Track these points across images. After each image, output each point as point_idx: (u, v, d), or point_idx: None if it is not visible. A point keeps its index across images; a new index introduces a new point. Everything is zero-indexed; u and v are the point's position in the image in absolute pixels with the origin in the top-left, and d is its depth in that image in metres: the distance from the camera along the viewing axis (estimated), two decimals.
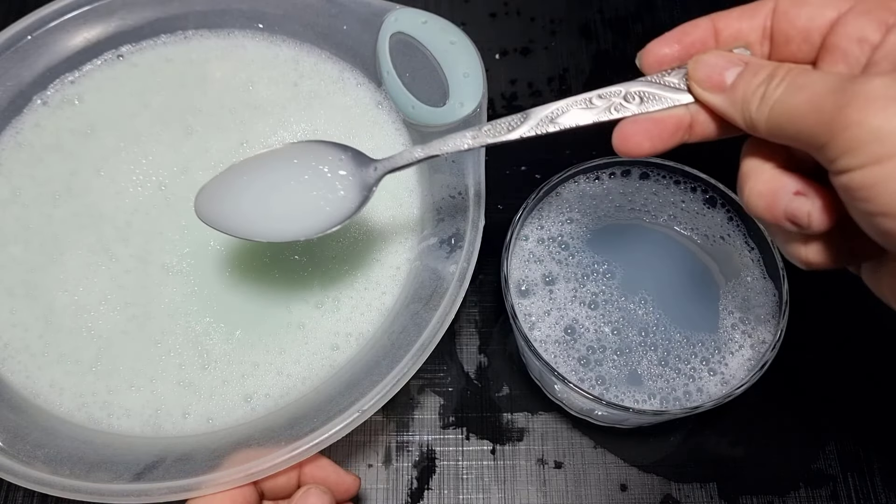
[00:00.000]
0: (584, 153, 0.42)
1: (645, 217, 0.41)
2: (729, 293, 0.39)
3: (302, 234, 0.34)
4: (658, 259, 0.40)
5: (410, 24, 0.43)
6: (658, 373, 0.37)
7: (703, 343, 0.37)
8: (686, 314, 0.38)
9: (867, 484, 0.40)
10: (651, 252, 0.40)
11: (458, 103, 0.41)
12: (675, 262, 0.39)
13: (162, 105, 0.44)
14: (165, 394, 0.37)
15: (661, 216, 0.41)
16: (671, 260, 0.40)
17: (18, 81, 0.43)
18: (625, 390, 0.36)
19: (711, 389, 0.36)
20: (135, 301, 0.39)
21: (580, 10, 0.55)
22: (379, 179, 0.34)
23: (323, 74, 0.45)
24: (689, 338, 0.37)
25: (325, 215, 0.34)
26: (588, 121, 0.29)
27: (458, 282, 0.36)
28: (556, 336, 0.38)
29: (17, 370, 0.38)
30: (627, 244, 0.40)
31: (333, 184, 0.34)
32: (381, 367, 0.35)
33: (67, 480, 0.33)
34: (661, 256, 0.40)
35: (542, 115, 0.30)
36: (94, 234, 0.41)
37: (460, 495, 0.40)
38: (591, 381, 0.37)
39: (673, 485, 0.40)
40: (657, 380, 0.37)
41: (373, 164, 0.34)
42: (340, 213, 0.34)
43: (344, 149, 0.35)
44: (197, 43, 0.46)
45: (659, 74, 0.28)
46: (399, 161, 0.34)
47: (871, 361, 0.43)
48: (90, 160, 0.43)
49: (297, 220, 0.34)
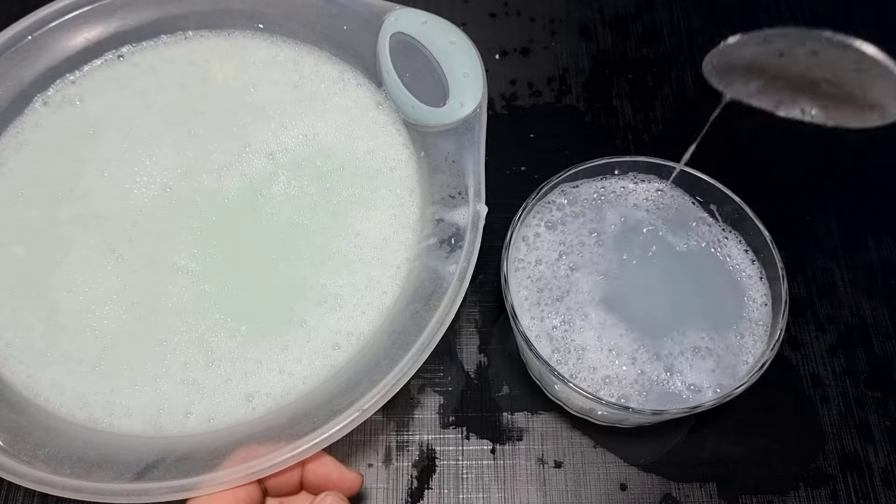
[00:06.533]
0: (584, 153, 0.42)
1: (646, 217, 0.41)
2: (729, 293, 0.39)
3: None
4: (658, 259, 0.40)
5: (410, 25, 0.43)
6: (658, 372, 0.37)
7: (702, 342, 0.37)
8: (686, 314, 0.38)
9: (867, 484, 0.40)
10: (651, 252, 0.40)
11: (458, 103, 0.41)
12: (676, 262, 0.39)
13: (164, 106, 0.44)
14: (168, 392, 0.37)
15: (661, 216, 0.41)
16: (671, 260, 0.40)
17: (19, 82, 0.43)
18: (625, 390, 0.37)
19: (711, 389, 0.36)
20: (142, 300, 0.39)
21: (580, 10, 0.55)
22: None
23: (323, 75, 0.45)
24: (690, 337, 0.37)
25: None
26: None
27: (458, 281, 0.37)
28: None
29: (18, 370, 0.38)
30: (628, 244, 0.40)
31: None
32: (381, 367, 0.35)
33: (68, 480, 0.33)
34: (661, 256, 0.40)
35: None
36: (99, 234, 0.41)
37: (460, 495, 0.40)
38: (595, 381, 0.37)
39: (673, 484, 0.40)
40: (657, 379, 0.37)
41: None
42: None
43: None
44: (198, 43, 0.46)
45: None
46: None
47: (871, 361, 0.43)
48: (93, 161, 0.43)
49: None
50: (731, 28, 0.53)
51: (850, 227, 0.47)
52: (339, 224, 0.41)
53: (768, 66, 0.35)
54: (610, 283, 0.39)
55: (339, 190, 0.42)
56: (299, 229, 0.41)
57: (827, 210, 0.47)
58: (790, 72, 0.34)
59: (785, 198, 0.48)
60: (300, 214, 0.42)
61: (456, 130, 0.41)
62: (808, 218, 0.47)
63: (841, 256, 0.46)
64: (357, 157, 0.43)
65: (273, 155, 0.43)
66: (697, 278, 0.39)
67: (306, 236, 0.41)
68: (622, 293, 0.39)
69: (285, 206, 0.42)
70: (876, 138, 0.50)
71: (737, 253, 0.39)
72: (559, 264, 0.39)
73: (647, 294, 0.39)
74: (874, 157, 0.50)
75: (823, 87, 0.33)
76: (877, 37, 0.53)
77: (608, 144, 0.50)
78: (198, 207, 0.42)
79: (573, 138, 0.50)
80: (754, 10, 0.55)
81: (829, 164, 0.49)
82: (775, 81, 0.35)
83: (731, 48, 0.35)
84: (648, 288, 0.39)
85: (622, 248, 0.40)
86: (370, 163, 0.43)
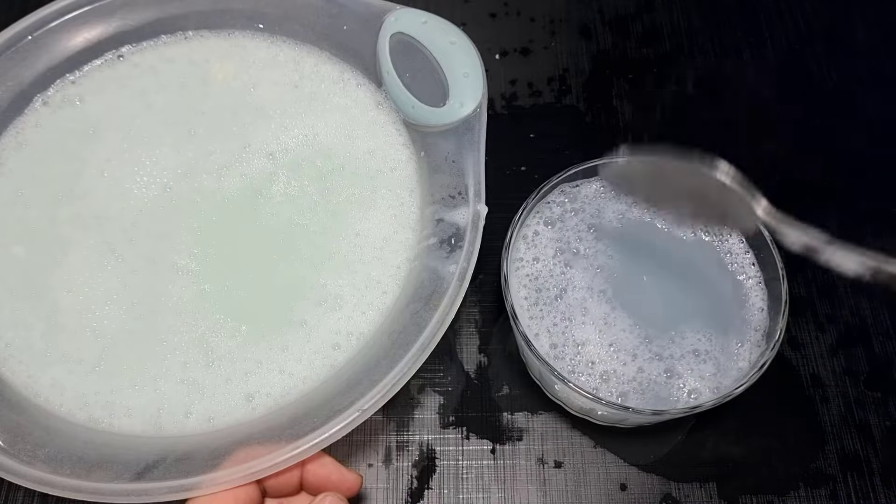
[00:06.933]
0: (584, 153, 0.42)
1: (646, 216, 0.41)
2: (729, 293, 0.39)
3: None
4: (658, 258, 0.40)
5: (410, 25, 0.43)
6: (658, 372, 0.37)
7: (702, 342, 0.37)
8: (687, 314, 0.38)
9: (867, 484, 0.40)
10: (651, 251, 0.40)
11: (458, 103, 0.41)
12: (676, 262, 0.39)
13: (164, 106, 0.44)
14: (168, 393, 0.37)
15: (662, 216, 0.41)
16: (671, 259, 0.40)
17: (19, 82, 0.43)
18: (625, 389, 0.37)
19: (711, 389, 0.36)
20: (142, 300, 0.39)
21: (580, 10, 0.55)
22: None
23: (323, 75, 0.45)
24: (690, 337, 0.37)
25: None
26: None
27: (458, 281, 0.37)
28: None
29: (18, 370, 0.38)
30: (628, 243, 0.40)
31: None
32: (381, 367, 0.35)
33: (68, 480, 0.33)
34: (661, 256, 0.40)
35: None
36: (99, 234, 0.41)
37: (460, 495, 0.40)
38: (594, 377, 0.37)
39: (673, 484, 0.40)
40: (657, 379, 0.37)
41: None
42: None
43: None
44: (198, 43, 0.46)
45: None
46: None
47: (871, 361, 0.43)
48: (93, 161, 0.43)
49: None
50: (731, 28, 0.54)
51: (851, 226, 0.47)
52: (339, 224, 0.41)
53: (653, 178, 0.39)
54: (608, 277, 0.39)
55: (339, 190, 0.42)
56: (299, 229, 0.41)
57: (827, 209, 0.47)
58: (674, 184, 0.38)
59: (785, 197, 0.48)
60: (300, 214, 0.42)
61: (456, 130, 0.41)
62: (809, 217, 0.47)
63: None
64: (357, 157, 0.43)
65: (273, 155, 0.43)
66: (697, 276, 0.39)
67: (306, 236, 0.41)
68: (622, 288, 0.39)
69: (285, 206, 0.42)
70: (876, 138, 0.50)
71: (737, 253, 0.39)
72: (556, 260, 0.39)
73: (647, 290, 0.39)
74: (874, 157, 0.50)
75: (697, 198, 0.37)
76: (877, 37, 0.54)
77: (608, 144, 0.49)
78: (198, 207, 0.42)
79: (573, 138, 0.50)
80: (754, 10, 0.55)
81: (829, 164, 0.49)
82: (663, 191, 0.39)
83: (623, 164, 0.39)
84: (648, 284, 0.39)
85: (623, 247, 0.40)
86: (370, 163, 0.43)
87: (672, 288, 0.39)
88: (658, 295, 0.39)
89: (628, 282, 0.39)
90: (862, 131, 0.50)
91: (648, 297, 0.39)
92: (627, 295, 0.39)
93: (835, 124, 0.50)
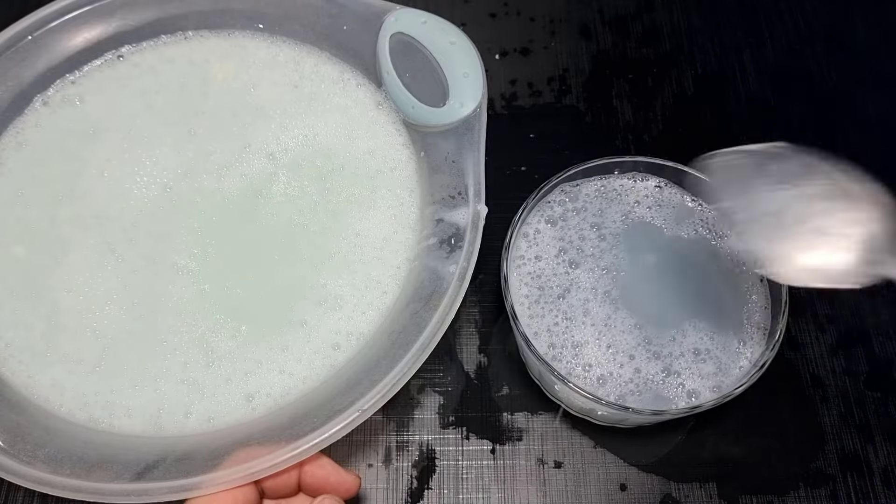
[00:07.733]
0: (584, 153, 0.42)
1: (646, 216, 0.41)
2: (729, 293, 0.39)
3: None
4: (658, 259, 0.40)
5: (410, 25, 0.43)
6: (658, 372, 0.37)
7: (702, 342, 0.37)
8: (687, 314, 0.38)
9: (867, 484, 0.40)
10: (651, 252, 0.40)
11: (458, 103, 0.41)
12: (676, 262, 0.39)
13: (163, 106, 0.44)
14: (168, 393, 0.37)
15: (662, 216, 0.41)
16: (671, 260, 0.40)
17: (19, 82, 0.43)
18: (625, 390, 0.37)
19: (711, 389, 0.36)
20: (142, 300, 0.39)
21: (580, 10, 0.55)
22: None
23: (323, 75, 0.45)
24: (690, 337, 0.37)
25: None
26: None
27: (458, 281, 0.37)
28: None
29: (18, 370, 0.38)
30: (628, 243, 0.40)
31: None
32: (381, 367, 0.35)
33: (68, 480, 0.33)
34: (661, 256, 0.40)
35: None
36: (99, 234, 0.41)
37: (460, 495, 0.40)
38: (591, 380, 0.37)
39: (673, 484, 0.40)
40: (657, 379, 0.37)
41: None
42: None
43: None
44: (198, 43, 0.46)
45: None
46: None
47: (871, 361, 0.43)
48: (93, 161, 0.43)
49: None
50: (731, 28, 0.54)
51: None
52: (339, 224, 0.41)
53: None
54: (614, 278, 0.39)
55: (338, 190, 0.42)
56: (299, 229, 0.41)
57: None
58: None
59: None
60: (300, 214, 0.42)
61: (456, 130, 0.41)
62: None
63: None
64: (357, 157, 0.43)
65: (273, 155, 0.43)
66: (699, 276, 0.39)
67: (306, 236, 0.41)
68: (625, 288, 0.39)
69: (285, 207, 0.42)
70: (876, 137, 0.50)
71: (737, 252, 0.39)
72: (559, 260, 0.39)
73: (649, 290, 0.39)
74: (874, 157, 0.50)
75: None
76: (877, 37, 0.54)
77: (608, 144, 0.50)
78: (198, 207, 0.42)
79: (573, 138, 0.50)
80: (754, 10, 0.55)
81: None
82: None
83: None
84: (651, 284, 0.39)
85: (623, 247, 0.40)
86: (370, 163, 0.43)
87: (674, 287, 0.39)
88: (660, 295, 0.39)
89: (632, 282, 0.39)
90: (862, 131, 0.50)
91: (651, 297, 0.39)
92: (630, 295, 0.39)
93: (835, 124, 0.50)
